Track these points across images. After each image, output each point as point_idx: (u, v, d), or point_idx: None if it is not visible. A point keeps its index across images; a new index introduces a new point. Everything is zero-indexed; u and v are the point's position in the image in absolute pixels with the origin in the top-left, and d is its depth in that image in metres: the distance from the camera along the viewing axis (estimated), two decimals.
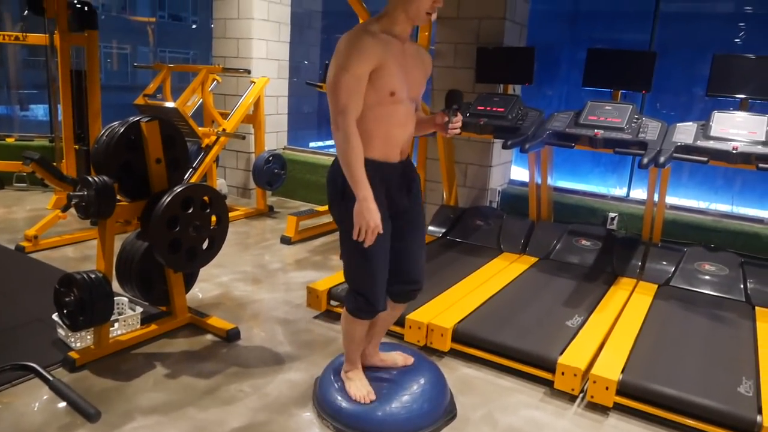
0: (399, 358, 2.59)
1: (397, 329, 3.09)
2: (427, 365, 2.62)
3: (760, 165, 3.26)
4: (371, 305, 2.23)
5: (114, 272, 2.94)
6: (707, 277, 3.75)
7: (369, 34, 1.97)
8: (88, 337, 2.82)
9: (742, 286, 3.64)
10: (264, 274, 4.12)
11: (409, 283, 2.33)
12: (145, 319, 3.11)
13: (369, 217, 1.97)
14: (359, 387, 2.38)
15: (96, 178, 2.61)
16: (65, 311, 2.63)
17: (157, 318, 3.15)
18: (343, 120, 1.95)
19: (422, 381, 2.48)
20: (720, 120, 3.45)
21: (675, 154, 3.40)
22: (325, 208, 5.22)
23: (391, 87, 2.01)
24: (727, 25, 5.49)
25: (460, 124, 2.15)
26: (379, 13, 2.09)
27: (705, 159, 3.37)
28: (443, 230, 4.63)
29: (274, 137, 6.41)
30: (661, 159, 3.33)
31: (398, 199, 2.20)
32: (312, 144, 7.66)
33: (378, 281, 2.20)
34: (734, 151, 3.27)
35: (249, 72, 5.68)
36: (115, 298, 2.76)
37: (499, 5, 4.61)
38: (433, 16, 2.06)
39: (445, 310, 3.18)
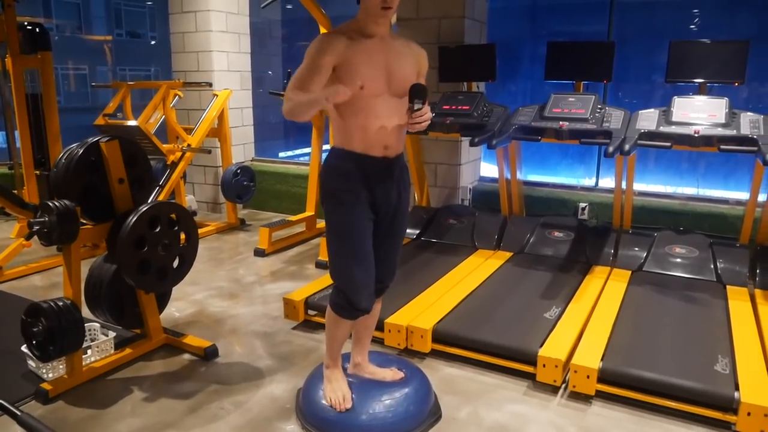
0: (388, 374, 2.54)
1: (377, 333, 3.06)
2: (410, 368, 2.61)
3: (722, 147, 3.32)
4: (351, 304, 2.20)
5: (83, 298, 2.87)
6: (678, 260, 3.81)
7: (334, 33, 2.08)
8: (61, 366, 2.75)
9: (712, 266, 3.71)
10: (239, 289, 4.07)
11: (376, 281, 2.30)
12: (120, 344, 3.04)
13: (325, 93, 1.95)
14: (335, 390, 2.35)
15: (57, 203, 2.54)
16: (34, 342, 2.55)
17: (132, 341, 3.08)
18: (294, 90, 2.02)
19: (405, 384, 2.46)
20: (681, 105, 3.52)
21: (639, 141, 3.46)
22: (298, 217, 5.20)
23: (358, 80, 2.04)
24: (681, 12, 5.60)
25: (423, 119, 2.03)
26: (353, 18, 2.16)
27: (668, 144, 3.43)
28: (417, 231, 4.63)
29: (242, 149, 6.35)
30: (626, 147, 3.37)
31: (383, 196, 2.18)
32: (281, 154, 7.61)
33: (359, 278, 2.18)
34: (696, 135, 3.33)
35: (211, 85, 5.62)
36: (86, 324, 2.69)
37: (458, 4, 4.64)
38: (393, 18, 2.07)
39: (423, 311, 3.17)
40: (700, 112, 3.45)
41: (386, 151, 2.16)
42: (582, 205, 4.68)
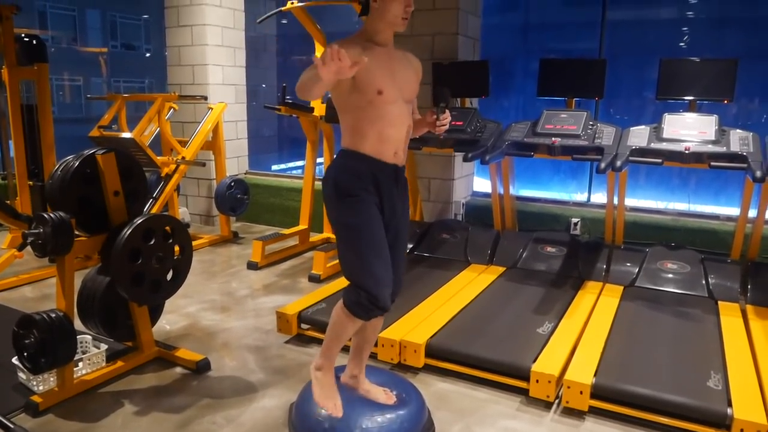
0: (381, 397, 2.52)
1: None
2: (403, 383, 2.60)
3: (712, 163, 3.36)
4: (372, 301, 2.14)
5: (76, 310, 2.85)
6: (670, 276, 3.83)
7: (349, 41, 2.12)
8: (51, 379, 2.72)
9: (704, 282, 3.73)
10: (232, 302, 4.06)
11: None
12: (111, 356, 3.02)
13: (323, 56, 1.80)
14: (328, 397, 2.33)
15: (52, 215, 2.54)
16: (25, 354, 2.54)
17: (124, 354, 3.07)
18: (303, 77, 1.97)
19: (399, 401, 2.45)
20: (671, 122, 3.56)
21: (631, 158, 3.49)
22: (291, 230, 5.19)
23: (377, 86, 2.08)
24: (671, 30, 5.68)
25: (448, 120, 2.26)
26: (359, 30, 2.21)
27: (659, 160, 3.47)
28: (411, 245, 4.64)
29: (235, 162, 6.36)
30: (618, 163, 3.40)
31: (389, 203, 2.21)
32: (274, 167, 7.62)
33: (380, 274, 2.14)
34: (687, 152, 3.37)
35: (206, 98, 5.64)
36: (78, 337, 2.67)
37: (451, 21, 4.69)
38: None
39: (416, 325, 3.17)
40: (690, 129, 3.50)
41: (395, 158, 2.20)
42: (574, 220, 4.71)
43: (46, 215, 2.53)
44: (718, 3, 5.68)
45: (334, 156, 2.28)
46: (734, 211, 4.39)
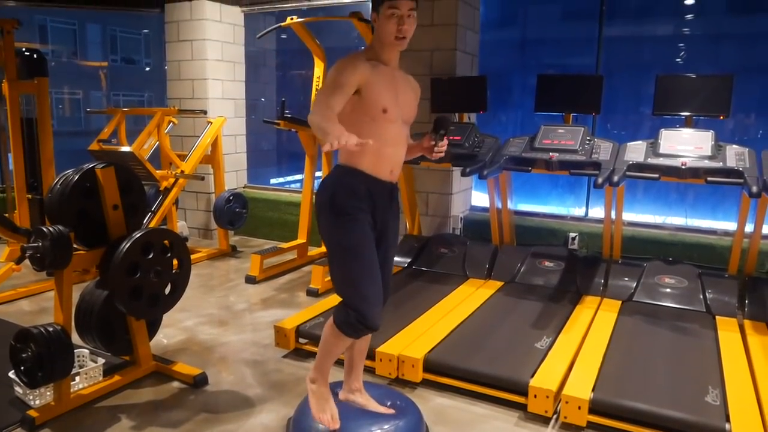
0: (381, 408, 2.52)
1: (368, 363, 3.05)
2: (401, 398, 2.60)
3: (709, 179, 3.38)
4: (362, 321, 2.16)
5: (73, 324, 2.85)
6: (668, 290, 3.84)
7: (357, 56, 2.14)
8: (48, 393, 2.71)
9: (701, 296, 3.74)
10: (230, 316, 4.05)
11: None
12: (108, 370, 3.01)
13: (339, 133, 1.80)
14: (324, 410, 2.33)
15: (51, 228, 2.54)
16: (22, 368, 2.53)
17: (121, 368, 3.06)
18: (319, 105, 1.98)
19: (397, 415, 2.45)
20: (668, 137, 3.59)
21: (628, 173, 3.51)
22: (289, 244, 5.20)
23: (382, 103, 2.11)
24: (667, 46, 5.73)
25: (444, 148, 2.30)
26: (367, 46, 2.25)
27: (656, 176, 3.49)
28: (408, 260, 4.64)
29: (234, 176, 6.37)
30: (615, 178, 3.42)
31: (382, 218, 2.24)
32: (273, 181, 7.63)
33: (373, 292, 2.16)
34: (683, 167, 3.39)
35: (205, 113, 5.66)
36: (75, 351, 2.67)
37: (450, 37, 4.73)
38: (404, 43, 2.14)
39: (415, 340, 3.16)
40: (686, 144, 3.52)
41: (391, 176, 2.24)
42: (572, 235, 4.72)
43: (44, 229, 2.54)
44: (714, 19, 5.74)
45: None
46: (731, 225, 4.41)
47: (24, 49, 4.56)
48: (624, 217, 4.29)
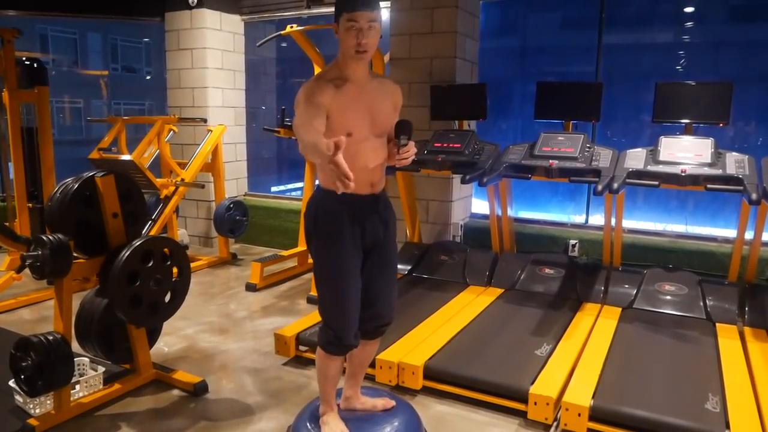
0: (379, 403, 2.54)
1: (368, 370, 3.05)
2: (401, 405, 2.59)
3: (708, 186, 3.38)
4: (339, 339, 2.23)
5: (73, 332, 2.85)
6: (668, 298, 3.83)
7: (319, 80, 2.09)
8: (48, 402, 2.71)
9: (701, 304, 3.73)
10: (230, 324, 4.05)
11: (376, 319, 2.33)
12: (108, 379, 3.00)
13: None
14: (333, 430, 2.34)
15: (50, 237, 2.55)
16: (22, 376, 2.53)
17: (121, 376, 3.05)
18: (304, 128, 1.96)
19: (396, 422, 2.45)
20: (667, 145, 3.59)
21: (628, 180, 3.51)
22: (290, 252, 5.20)
23: (347, 127, 2.06)
24: (667, 54, 5.75)
25: (409, 154, 2.11)
26: (332, 62, 2.18)
27: (656, 183, 3.49)
28: (409, 267, 4.64)
29: (234, 184, 6.38)
30: (615, 185, 3.42)
31: (371, 230, 2.22)
32: (273, 189, 7.64)
33: (348, 316, 2.21)
34: (683, 174, 3.39)
35: (205, 121, 5.68)
36: (75, 359, 2.67)
37: (450, 45, 4.74)
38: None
39: (415, 347, 3.16)
40: (686, 151, 3.52)
41: (372, 188, 2.21)
42: (572, 242, 4.72)
43: (44, 237, 2.54)
44: (714, 27, 5.76)
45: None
46: (731, 233, 4.41)
47: (24, 58, 4.58)
48: (624, 225, 4.29)
